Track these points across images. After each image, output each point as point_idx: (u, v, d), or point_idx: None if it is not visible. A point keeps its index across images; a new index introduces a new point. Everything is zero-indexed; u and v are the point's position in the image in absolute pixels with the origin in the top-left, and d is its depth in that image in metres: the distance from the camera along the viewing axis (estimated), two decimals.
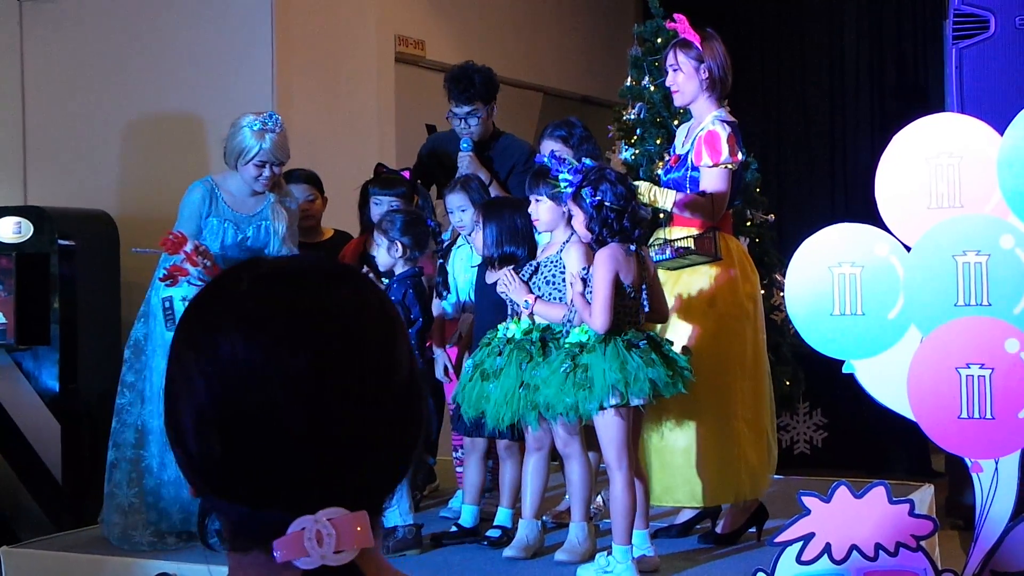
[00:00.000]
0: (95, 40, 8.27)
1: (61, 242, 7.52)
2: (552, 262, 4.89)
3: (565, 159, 4.80)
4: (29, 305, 7.42)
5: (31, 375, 7.50)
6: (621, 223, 4.57)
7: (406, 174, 5.76)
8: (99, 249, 7.73)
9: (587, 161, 4.81)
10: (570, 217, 4.88)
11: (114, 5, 8.25)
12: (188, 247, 5.13)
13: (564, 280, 4.86)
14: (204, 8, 8.02)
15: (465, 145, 6.07)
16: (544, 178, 4.86)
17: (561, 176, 4.72)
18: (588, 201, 4.58)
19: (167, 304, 5.22)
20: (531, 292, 4.87)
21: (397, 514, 5.10)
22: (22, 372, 7.51)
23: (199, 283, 5.14)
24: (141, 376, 5.45)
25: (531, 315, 4.86)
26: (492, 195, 5.70)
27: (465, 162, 6.04)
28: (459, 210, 5.46)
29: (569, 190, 4.64)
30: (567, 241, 4.89)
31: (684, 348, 4.83)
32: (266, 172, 5.36)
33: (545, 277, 4.89)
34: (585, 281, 4.63)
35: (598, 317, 4.54)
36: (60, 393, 7.45)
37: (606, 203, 4.57)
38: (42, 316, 7.44)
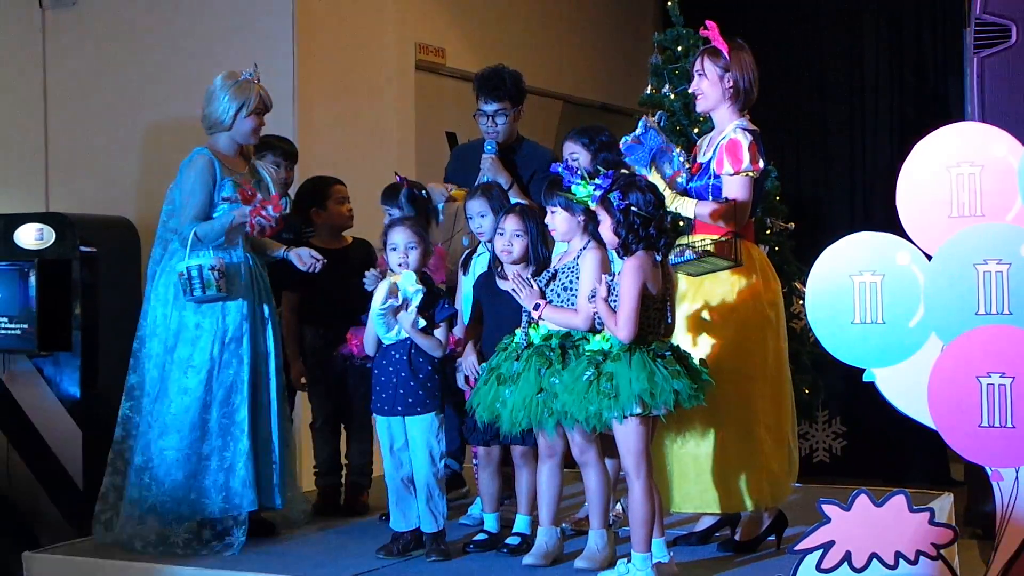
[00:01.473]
0: (117, 48, 8.32)
1: (82, 249, 7.56)
2: (569, 269, 4.90)
3: (577, 169, 4.81)
4: (51, 311, 7.45)
5: (52, 381, 7.53)
6: (647, 230, 4.57)
7: (404, 180, 5.79)
8: (120, 256, 7.76)
9: (601, 170, 4.81)
10: (586, 226, 4.88)
11: (136, 13, 8.29)
12: (260, 195, 5.39)
13: (579, 285, 4.86)
14: (226, 16, 8.05)
15: (489, 147, 6.07)
16: (558, 188, 4.88)
17: (574, 186, 4.74)
18: (616, 205, 4.58)
19: (194, 272, 5.26)
20: (543, 297, 4.87)
21: (429, 521, 5.12)
22: (43, 378, 7.54)
23: (273, 225, 5.35)
24: (138, 370, 5.49)
25: (539, 320, 4.86)
26: (512, 200, 5.71)
27: (487, 164, 6.05)
28: (479, 216, 5.45)
29: (597, 193, 4.65)
30: (584, 248, 4.89)
31: (702, 360, 4.82)
32: (262, 122, 5.55)
33: (563, 284, 4.89)
34: (610, 288, 4.62)
35: (624, 327, 4.54)
36: (81, 399, 7.48)
37: (633, 208, 4.58)
38: (63, 322, 7.48)
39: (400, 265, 5.13)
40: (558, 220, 4.95)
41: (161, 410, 5.40)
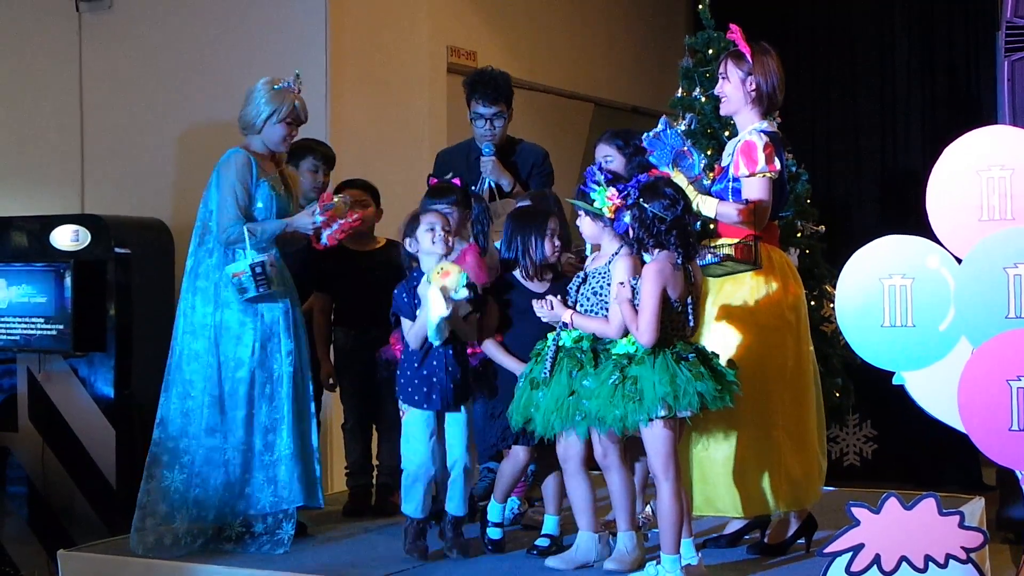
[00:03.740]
0: (152, 50, 8.38)
1: (117, 250, 7.63)
2: (600, 274, 4.91)
3: (596, 174, 4.84)
4: (86, 312, 7.52)
5: (87, 381, 7.60)
6: (670, 235, 4.60)
7: (456, 181, 5.79)
8: (154, 257, 7.83)
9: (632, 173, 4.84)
10: (613, 231, 4.89)
11: (171, 16, 8.35)
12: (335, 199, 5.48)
13: (610, 292, 4.87)
14: (259, 19, 8.11)
15: (487, 150, 6.09)
16: (582, 193, 4.91)
17: (592, 192, 4.78)
18: (633, 207, 4.64)
19: (258, 269, 5.29)
20: (567, 307, 4.89)
21: (463, 505, 5.16)
22: (78, 378, 7.61)
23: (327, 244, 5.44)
24: (181, 371, 5.49)
25: (572, 328, 4.88)
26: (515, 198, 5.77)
27: (489, 167, 6.07)
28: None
29: (601, 199, 4.69)
30: (616, 253, 4.90)
31: (730, 361, 4.83)
32: (294, 132, 5.54)
33: (592, 288, 4.90)
34: (634, 290, 4.65)
35: (645, 332, 4.56)
36: (115, 399, 7.54)
37: (652, 212, 4.61)
38: (98, 323, 7.55)
39: (433, 244, 5.11)
40: (584, 223, 4.98)
41: (208, 409, 5.42)
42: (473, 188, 6.03)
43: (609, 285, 4.85)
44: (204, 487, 5.37)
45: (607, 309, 4.84)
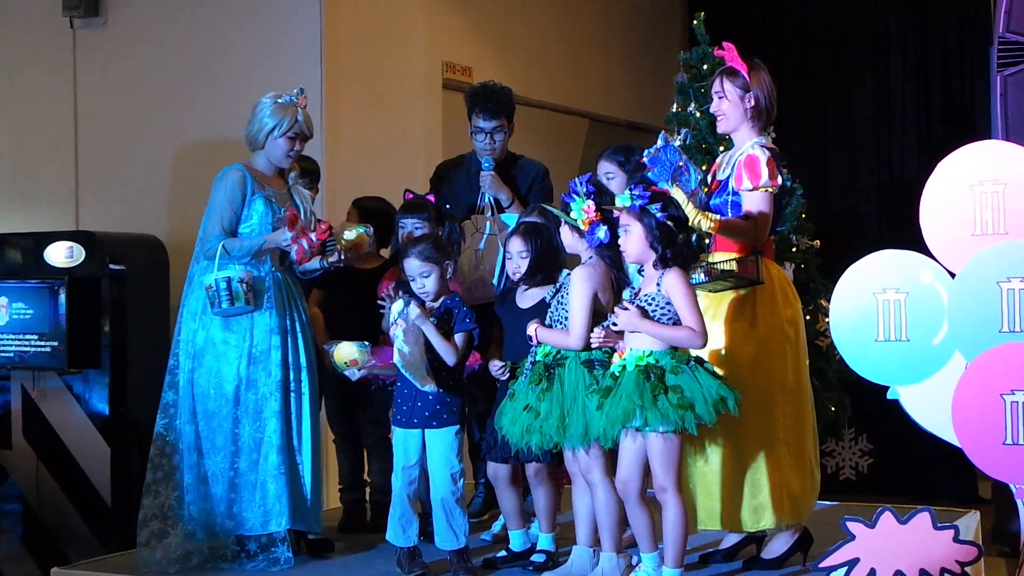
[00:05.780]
0: (147, 66, 8.38)
1: (112, 267, 7.62)
2: (567, 285, 4.93)
3: (577, 184, 4.85)
4: (80, 329, 7.51)
5: (82, 398, 7.59)
6: (688, 245, 4.64)
7: (431, 198, 5.80)
8: (149, 273, 7.82)
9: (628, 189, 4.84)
10: (602, 239, 4.88)
11: (166, 32, 8.36)
12: (302, 220, 5.41)
13: (570, 303, 4.86)
14: (255, 35, 8.11)
15: (487, 165, 6.09)
16: (563, 203, 4.93)
17: (572, 202, 4.81)
18: (658, 216, 4.62)
19: (223, 284, 5.27)
20: (540, 321, 4.92)
21: (450, 539, 5.13)
22: (73, 395, 7.60)
23: (308, 250, 5.35)
24: (175, 387, 5.47)
25: (538, 342, 4.89)
26: (509, 216, 5.77)
27: (488, 181, 6.06)
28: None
29: (637, 203, 4.68)
30: (583, 264, 4.91)
31: None
32: (296, 146, 5.50)
33: (558, 299, 4.92)
34: (643, 307, 4.62)
35: (703, 332, 4.58)
36: (110, 416, 7.53)
37: (669, 224, 4.63)
38: (93, 340, 7.53)
39: (421, 291, 5.13)
40: (564, 233, 5.00)
41: (195, 427, 5.40)
42: (476, 202, 6.05)
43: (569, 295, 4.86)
44: (193, 505, 5.36)
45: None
